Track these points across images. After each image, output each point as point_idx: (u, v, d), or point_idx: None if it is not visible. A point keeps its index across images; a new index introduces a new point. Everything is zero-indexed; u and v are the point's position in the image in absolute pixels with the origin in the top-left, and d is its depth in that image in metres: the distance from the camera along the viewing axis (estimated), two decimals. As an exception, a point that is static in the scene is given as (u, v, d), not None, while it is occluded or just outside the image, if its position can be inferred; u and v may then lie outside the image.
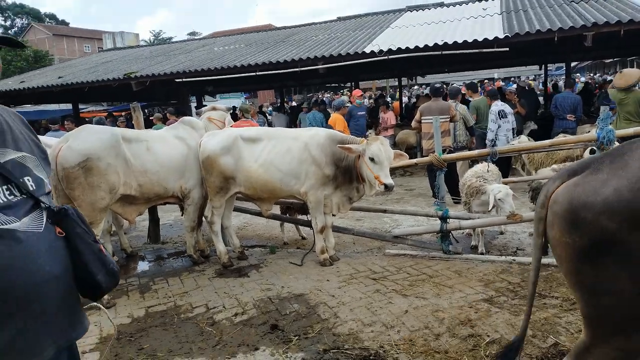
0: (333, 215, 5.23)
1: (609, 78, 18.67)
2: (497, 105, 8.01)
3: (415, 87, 28.01)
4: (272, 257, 5.51)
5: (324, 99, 22.41)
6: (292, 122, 13.80)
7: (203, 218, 5.52)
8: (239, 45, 14.08)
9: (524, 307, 3.69)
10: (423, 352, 3.20)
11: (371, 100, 20.56)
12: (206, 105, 6.64)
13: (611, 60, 28.54)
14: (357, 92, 10.67)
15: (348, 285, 4.45)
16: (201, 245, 5.68)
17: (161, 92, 14.66)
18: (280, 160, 4.97)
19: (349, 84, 25.39)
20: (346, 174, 4.91)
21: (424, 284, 4.35)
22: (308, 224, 5.51)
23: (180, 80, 10.90)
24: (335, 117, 9.16)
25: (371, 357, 3.19)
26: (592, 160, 1.80)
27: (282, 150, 4.99)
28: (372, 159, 4.62)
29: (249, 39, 15.37)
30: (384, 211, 5.82)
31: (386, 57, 9.06)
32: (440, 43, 8.75)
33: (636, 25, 7.66)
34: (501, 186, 4.82)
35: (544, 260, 4.54)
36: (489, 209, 4.81)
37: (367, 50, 9.37)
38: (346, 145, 4.70)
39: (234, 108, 15.90)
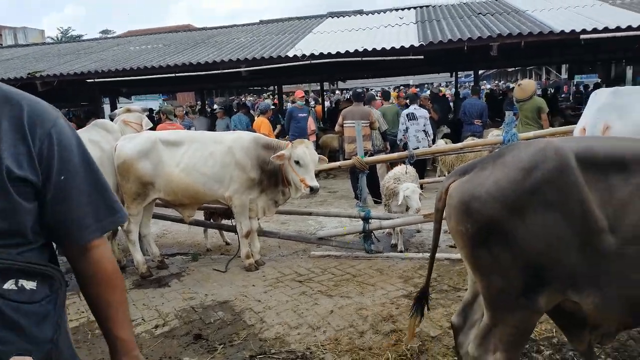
0: (258, 219, 5.19)
1: (511, 85, 20.30)
2: (409, 108, 8.53)
3: (337, 91, 28.60)
4: (194, 265, 5.35)
5: (247, 102, 22.22)
6: (214, 125, 13.52)
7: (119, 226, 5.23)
8: (156, 45, 13.53)
9: (442, 301, 3.92)
10: (348, 350, 3.27)
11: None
12: (121, 107, 6.30)
13: (513, 69, 31.08)
14: (299, 93, 10.37)
15: (274, 289, 4.43)
16: (116, 256, 5.37)
17: (71, 94, 13.69)
18: (203, 164, 4.84)
19: (272, 87, 25.38)
20: (272, 178, 4.90)
21: (348, 284, 4.45)
22: (233, 229, 5.42)
23: (92, 80, 10.25)
24: (261, 120, 9.12)
25: (298, 360, 3.20)
26: (479, 161, 2.06)
27: (204, 154, 4.87)
28: (297, 162, 4.65)
29: (167, 38, 14.82)
30: (309, 214, 5.88)
31: (309, 61, 9.15)
32: (361, 49, 9.00)
33: (535, 37, 8.39)
34: (410, 184, 5.07)
35: (459, 255, 4.84)
36: (398, 204, 5.04)
37: (291, 54, 9.42)
38: (278, 154, 4.67)
39: (151, 110, 15.27)
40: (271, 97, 25.81)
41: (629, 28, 8.18)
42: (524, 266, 1.80)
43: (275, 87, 20.02)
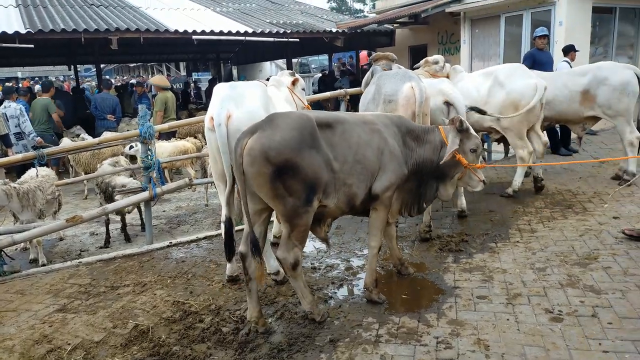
0: None
1: (133, 81, 20.48)
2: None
3: None
4: None
5: None
6: None
7: None
8: None
9: (101, 303, 3.76)
10: (-5, 394, 2.74)
11: None
12: None
13: (135, 64, 31.35)
14: None
15: None
16: None
17: None
18: None
19: None
20: None
21: (-22, 319, 3.64)
22: None
23: None
24: None
25: None
26: (257, 125, 2.94)
27: None
28: None
29: None
30: None
31: None
32: (-57, 31, 7.21)
33: (153, 34, 8.78)
34: None
35: (112, 254, 4.72)
36: None
37: None
38: None
39: None
40: None
41: (230, 33, 9.67)
42: (306, 186, 2.89)
43: None
